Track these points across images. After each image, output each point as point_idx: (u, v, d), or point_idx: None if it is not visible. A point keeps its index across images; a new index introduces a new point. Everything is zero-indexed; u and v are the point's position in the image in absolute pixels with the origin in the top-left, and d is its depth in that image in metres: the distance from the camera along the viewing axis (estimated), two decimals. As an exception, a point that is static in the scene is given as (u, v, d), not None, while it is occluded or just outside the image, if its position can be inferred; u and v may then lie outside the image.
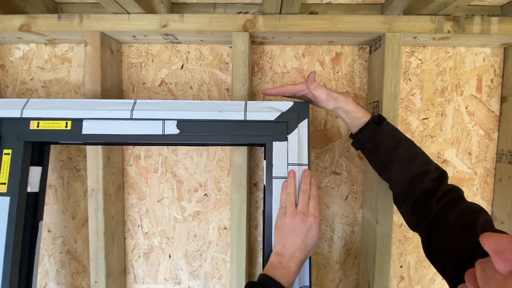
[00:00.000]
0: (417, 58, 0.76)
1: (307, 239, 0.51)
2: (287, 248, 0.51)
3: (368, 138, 0.55)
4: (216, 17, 0.66)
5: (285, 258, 0.50)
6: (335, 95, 0.56)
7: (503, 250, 0.24)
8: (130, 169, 0.79)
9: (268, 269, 0.49)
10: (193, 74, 0.77)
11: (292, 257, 0.50)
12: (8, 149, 0.59)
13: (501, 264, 0.24)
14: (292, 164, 0.58)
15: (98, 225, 0.70)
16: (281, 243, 0.52)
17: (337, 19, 0.65)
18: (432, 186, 0.50)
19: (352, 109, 0.56)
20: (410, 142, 0.56)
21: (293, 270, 0.49)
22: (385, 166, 0.55)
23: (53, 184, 0.80)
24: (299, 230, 0.51)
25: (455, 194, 0.49)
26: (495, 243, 0.25)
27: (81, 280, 0.82)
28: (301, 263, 0.51)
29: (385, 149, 0.54)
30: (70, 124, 0.59)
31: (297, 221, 0.51)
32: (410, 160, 0.53)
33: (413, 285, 0.81)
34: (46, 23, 0.67)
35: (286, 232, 0.52)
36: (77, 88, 0.78)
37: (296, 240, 0.51)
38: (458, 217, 0.45)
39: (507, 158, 0.73)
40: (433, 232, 0.47)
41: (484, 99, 0.76)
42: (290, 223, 0.52)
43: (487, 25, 0.65)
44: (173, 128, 0.59)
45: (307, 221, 0.51)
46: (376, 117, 0.56)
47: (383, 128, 0.55)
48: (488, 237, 0.25)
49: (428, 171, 0.51)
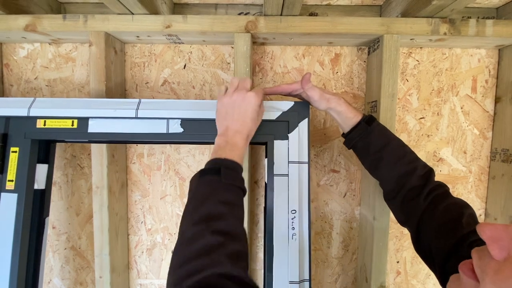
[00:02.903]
0: (414, 59, 0.78)
1: (247, 114, 0.50)
2: (230, 127, 0.50)
3: (359, 137, 0.58)
4: (218, 18, 0.67)
5: (229, 136, 0.49)
6: (328, 96, 0.58)
7: (498, 238, 0.26)
8: (133, 167, 0.81)
9: (215, 152, 0.48)
10: (196, 74, 0.79)
11: (237, 133, 0.50)
12: (15, 147, 0.61)
13: (496, 251, 0.26)
14: (293, 162, 0.60)
15: (103, 222, 0.71)
16: (223, 125, 0.51)
17: (337, 21, 0.67)
18: (420, 183, 0.52)
19: (343, 110, 0.58)
20: (399, 141, 0.58)
21: (240, 145, 0.49)
22: (375, 164, 0.58)
23: (58, 182, 0.81)
24: (239, 107, 0.50)
25: (442, 190, 0.51)
26: (491, 232, 0.26)
27: (85, 275, 0.84)
28: (247, 138, 0.51)
29: (375, 148, 0.56)
30: (76, 123, 0.61)
31: (237, 98, 0.51)
32: (399, 158, 0.55)
33: (409, 280, 0.83)
34: (51, 23, 0.68)
35: (226, 111, 0.51)
36: (81, 87, 0.79)
37: (236, 117, 0.50)
38: (445, 211, 0.47)
39: (500, 157, 0.75)
40: (422, 227, 0.49)
41: (479, 99, 0.78)
42: (229, 101, 0.51)
43: (482, 28, 0.67)
44: (177, 127, 0.61)
45: (246, 96, 0.51)
46: (367, 117, 0.58)
47: (374, 128, 0.57)
48: (484, 226, 0.27)
49: (416, 168, 0.53)
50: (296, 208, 0.59)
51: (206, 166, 0.47)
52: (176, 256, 0.38)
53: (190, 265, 0.35)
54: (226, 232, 0.39)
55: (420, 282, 0.83)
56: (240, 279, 0.35)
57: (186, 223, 0.41)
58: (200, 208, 0.41)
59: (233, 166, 0.47)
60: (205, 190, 0.44)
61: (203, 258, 0.36)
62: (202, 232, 0.38)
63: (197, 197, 0.43)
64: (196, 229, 0.39)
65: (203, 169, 0.46)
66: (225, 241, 0.38)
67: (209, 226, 0.39)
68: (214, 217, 0.40)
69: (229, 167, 0.46)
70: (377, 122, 0.58)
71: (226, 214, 0.41)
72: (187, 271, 0.35)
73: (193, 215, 0.41)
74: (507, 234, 0.26)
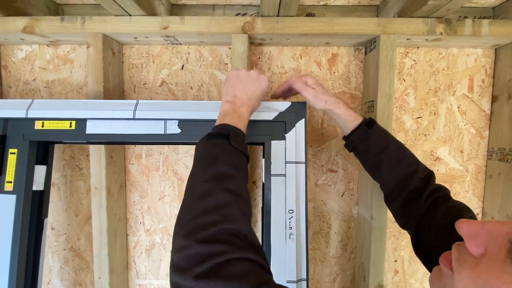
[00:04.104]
0: (411, 59, 0.78)
1: (256, 92, 0.54)
2: (238, 96, 0.53)
3: (360, 140, 0.58)
4: (215, 19, 0.67)
5: (237, 105, 0.52)
6: (326, 98, 0.58)
7: (475, 234, 0.27)
8: (132, 168, 0.81)
9: (221, 117, 0.50)
10: (193, 75, 0.79)
11: (244, 104, 0.52)
12: (14, 148, 0.61)
13: (474, 247, 0.27)
14: (290, 162, 0.60)
15: (101, 222, 0.72)
16: (231, 92, 0.54)
17: (333, 21, 0.67)
18: (421, 185, 0.52)
19: (342, 113, 0.58)
20: (399, 144, 0.58)
21: (245, 115, 0.52)
22: (376, 167, 0.58)
23: (56, 183, 0.81)
24: (252, 82, 0.54)
25: (442, 193, 0.51)
26: (468, 228, 0.28)
27: (84, 276, 0.84)
28: (251, 110, 0.54)
29: (375, 151, 0.57)
30: (74, 124, 0.61)
31: (252, 74, 0.55)
32: (399, 161, 0.55)
33: (407, 279, 0.84)
34: (49, 25, 0.68)
35: (238, 80, 0.54)
36: (79, 89, 0.79)
37: (247, 90, 0.54)
38: (445, 214, 0.47)
39: (497, 156, 0.76)
40: (422, 229, 0.49)
41: (476, 99, 0.79)
42: (244, 74, 0.55)
43: (478, 27, 0.67)
44: (175, 128, 0.61)
45: (260, 76, 0.55)
46: (367, 120, 0.59)
47: (374, 131, 0.57)
48: (463, 223, 0.28)
49: (417, 171, 0.53)
50: (293, 207, 0.59)
51: (213, 130, 0.48)
52: (187, 210, 0.39)
53: (203, 219, 0.36)
54: (236, 192, 0.40)
55: (418, 281, 0.84)
56: (248, 238, 0.36)
57: (196, 181, 0.42)
58: (211, 166, 0.42)
59: (240, 133, 0.48)
60: (215, 151, 0.45)
61: (216, 213, 0.37)
62: (214, 189, 0.39)
63: (206, 157, 0.44)
64: (208, 186, 0.40)
65: (210, 133, 0.47)
66: (237, 199, 0.40)
67: (221, 184, 0.40)
68: (225, 176, 0.41)
69: (236, 134, 0.47)
70: (377, 125, 0.58)
71: (235, 175, 0.42)
72: (199, 224, 0.35)
73: (204, 173, 0.42)
74: (484, 230, 0.27)
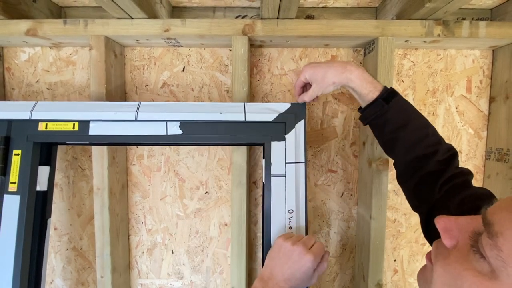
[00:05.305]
0: (410, 60, 0.79)
1: (297, 273, 0.49)
2: (274, 275, 0.49)
3: (375, 115, 0.54)
4: (216, 22, 0.68)
5: (268, 286, 0.49)
6: (332, 81, 0.55)
7: (449, 228, 0.29)
8: (133, 168, 0.82)
9: None
10: (194, 76, 0.80)
11: (276, 286, 0.48)
12: (17, 149, 0.62)
13: (447, 240, 0.29)
14: (290, 163, 0.61)
15: (104, 222, 0.73)
16: (269, 268, 0.51)
17: (332, 24, 0.68)
18: (439, 168, 0.49)
19: (356, 85, 0.54)
20: (420, 121, 0.53)
21: None
22: (391, 144, 0.54)
23: (59, 183, 0.82)
24: (292, 261, 0.49)
25: (461, 180, 0.47)
26: (444, 223, 0.30)
27: (86, 276, 0.85)
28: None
29: (391, 128, 0.52)
30: (77, 126, 0.62)
31: (295, 251, 0.50)
32: (417, 141, 0.51)
33: (406, 278, 0.84)
34: (52, 28, 0.69)
35: (279, 257, 0.51)
36: (81, 90, 0.80)
37: (285, 269, 0.49)
38: (459, 204, 0.44)
39: (495, 156, 0.77)
40: (433, 216, 0.48)
41: (474, 99, 0.79)
42: (288, 248, 0.50)
43: (475, 29, 0.68)
44: (176, 129, 0.62)
45: (305, 257, 0.49)
46: (386, 93, 0.53)
47: (391, 106, 0.52)
48: (440, 218, 0.30)
49: (437, 152, 0.49)
50: (293, 207, 0.60)
51: None
52: None
53: None
54: None
55: (417, 280, 0.84)
56: None
57: None
58: None
59: None
60: None
61: None
62: None
63: None
64: None
65: None
66: None
67: None
68: None
69: None
70: (397, 98, 0.53)
71: None
72: None
73: None
74: (457, 225, 0.29)
